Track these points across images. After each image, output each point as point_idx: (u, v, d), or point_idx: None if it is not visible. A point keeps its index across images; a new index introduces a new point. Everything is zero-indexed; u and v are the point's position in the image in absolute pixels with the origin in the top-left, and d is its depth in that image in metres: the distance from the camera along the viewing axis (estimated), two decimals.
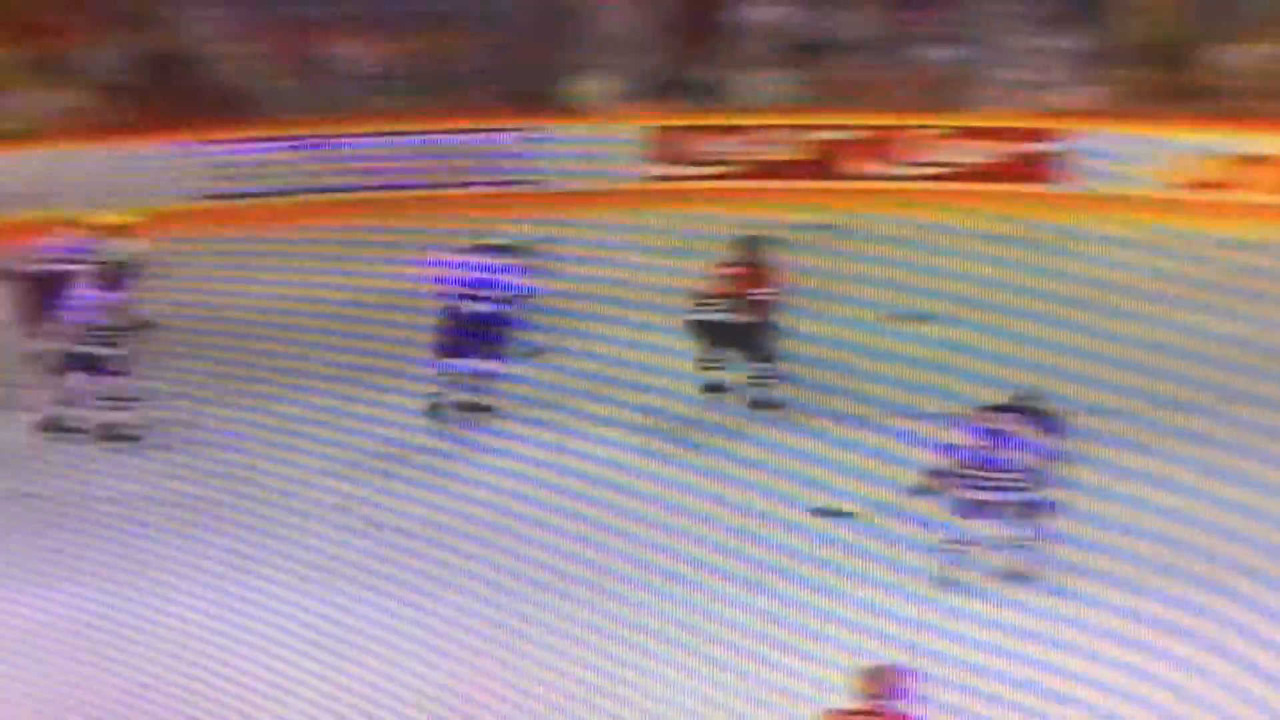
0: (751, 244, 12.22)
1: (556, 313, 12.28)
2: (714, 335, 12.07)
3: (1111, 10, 18.56)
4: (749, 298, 11.97)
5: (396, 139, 18.33)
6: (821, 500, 10.26)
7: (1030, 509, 9.48)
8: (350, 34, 19.23)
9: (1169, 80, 17.95)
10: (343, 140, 18.36)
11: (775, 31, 19.47)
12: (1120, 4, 18.53)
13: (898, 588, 9.25)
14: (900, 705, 6.90)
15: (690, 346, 12.11)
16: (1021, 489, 9.47)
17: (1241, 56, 17.73)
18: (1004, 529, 9.50)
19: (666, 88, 19.28)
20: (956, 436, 9.65)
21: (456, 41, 19.14)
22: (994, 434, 9.52)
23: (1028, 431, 9.52)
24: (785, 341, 12.04)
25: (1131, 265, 14.69)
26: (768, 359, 12.03)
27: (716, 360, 12.14)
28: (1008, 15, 18.94)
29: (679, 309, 12.18)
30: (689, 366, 12.13)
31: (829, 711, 6.96)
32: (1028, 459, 9.49)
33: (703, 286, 12.11)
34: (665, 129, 18.59)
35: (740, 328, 11.99)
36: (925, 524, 9.58)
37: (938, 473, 9.58)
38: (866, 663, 7.00)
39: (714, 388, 12.20)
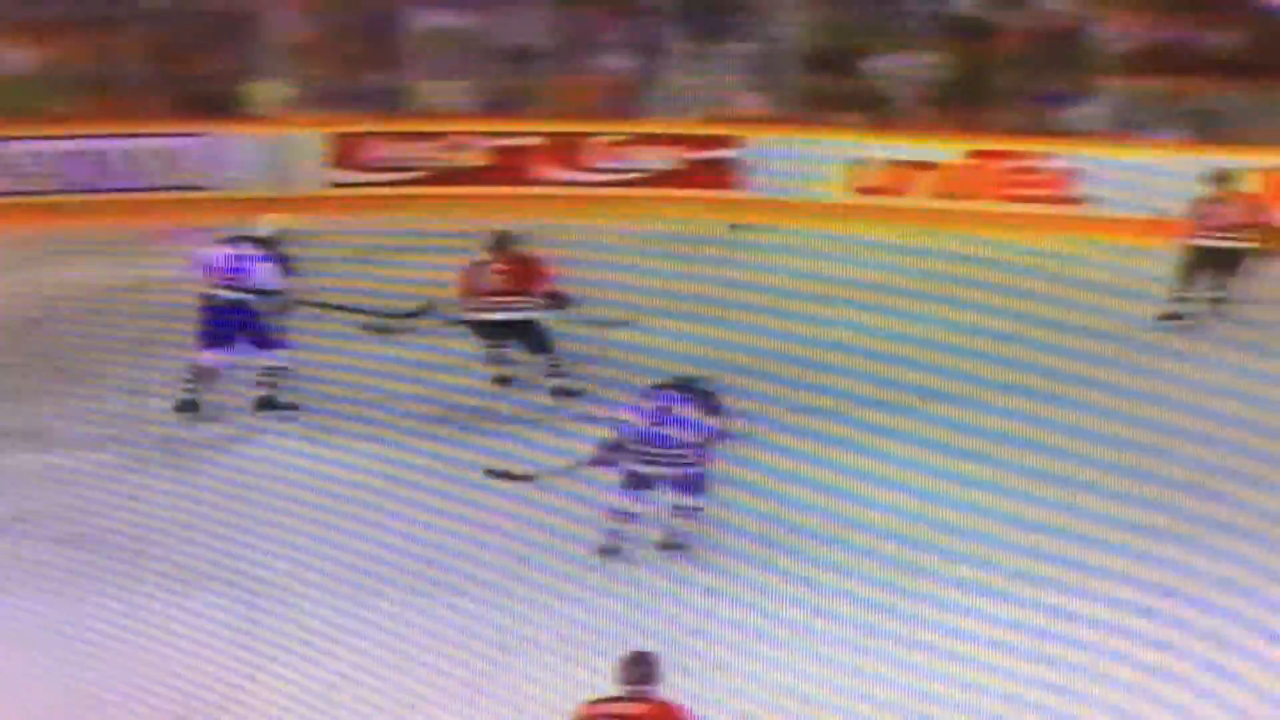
0: (506, 241, 12.49)
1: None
2: (496, 332, 12.35)
3: (774, 19, 19.10)
4: (523, 293, 12.27)
5: (65, 143, 17.85)
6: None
7: (693, 484, 9.95)
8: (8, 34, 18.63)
9: (834, 87, 18.62)
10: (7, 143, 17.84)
11: (453, 38, 19.53)
12: (782, 14, 19.09)
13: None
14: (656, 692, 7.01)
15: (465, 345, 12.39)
16: (686, 464, 9.92)
17: (900, 65, 18.47)
18: (668, 501, 9.98)
19: (344, 94, 19.19)
20: (626, 414, 10.08)
21: (124, 44, 18.67)
22: (661, 412, 9.97)
23: (692, 411, 9.97)
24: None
25: (802, 270, 15.17)
26: (550, 350, 12.39)
27: (501, 355, 12.43)
28: (677, 24, 19.39)
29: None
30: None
31: (587, 701, 7.06)
32: (693, 436, 9.93)
33: (475, 285, 12.34)
34: (346, 135, 18.46)
35: (520, 324, 12.30)
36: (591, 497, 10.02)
37: (609, 447, 10.01)
38: (623, 650, 7.15)
39: (502, 380, 12.48)
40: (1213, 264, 13.41)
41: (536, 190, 18.08)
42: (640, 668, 7.07)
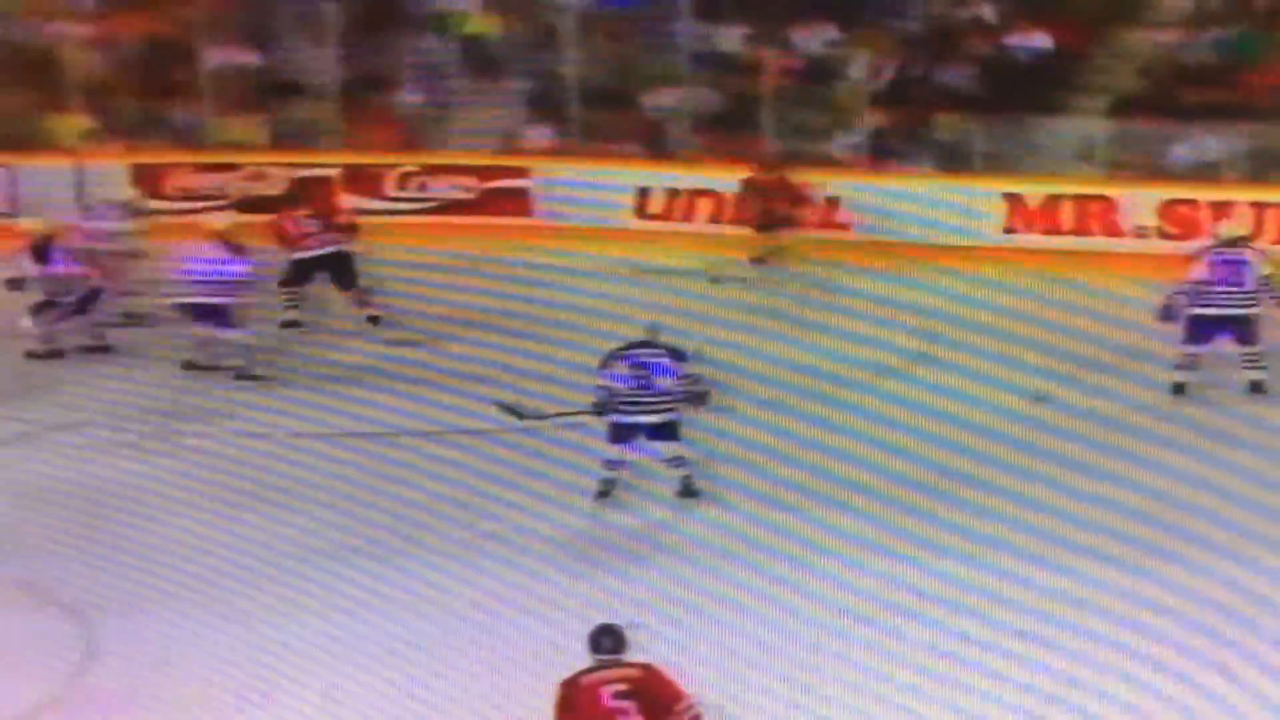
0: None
1: None
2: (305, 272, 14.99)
3: (554, 56, 20.13)
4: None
5: None
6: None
7: (672, 429, 11.13)
8: None
9: (613, 120, 19.76)
10: None
11: (244, 75, 20.37)
12: (562, 50, 20.11)
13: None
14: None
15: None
16: (665, 410, 11.07)
17: (675, 99, 19.62)
18: (664, 448, 11.17)
19: (141, 127, 19.86)
20: (615, 369, 11.11)
21: None
22: (645, 365, 11.09)
23: (666, 362, 11.11)
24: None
25: (591, 291, 16.11)
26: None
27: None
28: (460, 61, 20.37)
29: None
30: None
31: (574, 674, 7.23)
32: (670, 384, 11.07)
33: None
34: (145, 166, 19.07)
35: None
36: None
37: (601, 403, 11.10)
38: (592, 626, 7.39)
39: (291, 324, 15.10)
40: None
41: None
42: (612, 638, 7.31)
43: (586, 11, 20.15)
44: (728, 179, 18.24)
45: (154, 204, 18.03)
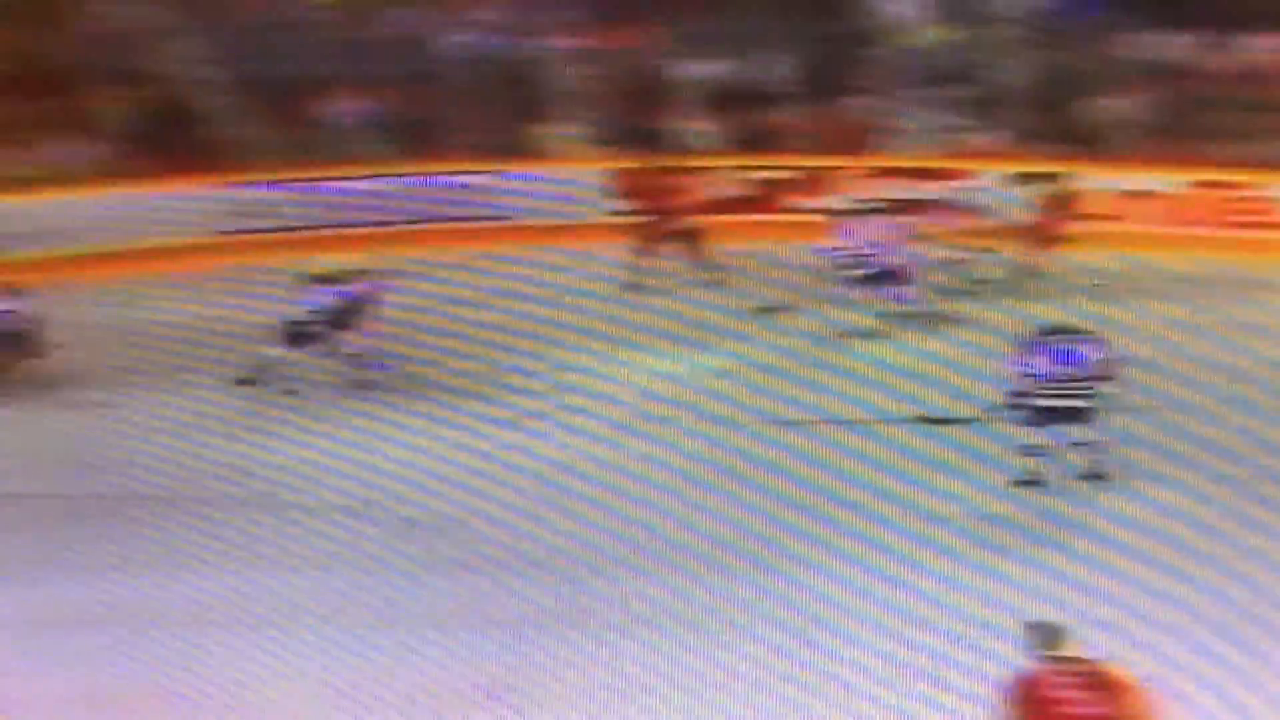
0: None
1: None
2: None
3: (996, 66, 20.93)
4: None
5: (383, 181, 20.35)
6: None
7: (1089, 415, 11.60)
8: (335, 90, 21.19)
9: (1052, 125, 20.26)
10: (328, 183, 20.42)
11: (710, 84, 21.71)
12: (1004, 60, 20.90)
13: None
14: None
15: None
16: (1084, 396, 11.59)
17: (1119, 104, 20.09)
18: (1080, 433, 11.62)
19: (620, 135, 21.43)
20: (1034, 359, 11.71)
21: (434, 94, 21.11)
22: (1065, 354, 11.68)
23: (1085, 347, 11.70)
24: None
25: None
26: None
27: None
28: (907, 70, 21.35)
29: None
30: None
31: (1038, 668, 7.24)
32: (1089, 371, 11.63)
33: None
34: (622, 171, 20.36)
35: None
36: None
37: (1016, 393, 11.70)
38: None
39: None
40: None
41: (787, 219, 20.09)
42: (1050, 633, 7.34)
43: (1032, 21, 20.82)
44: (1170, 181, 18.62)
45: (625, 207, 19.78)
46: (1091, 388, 11.63)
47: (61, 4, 20.57)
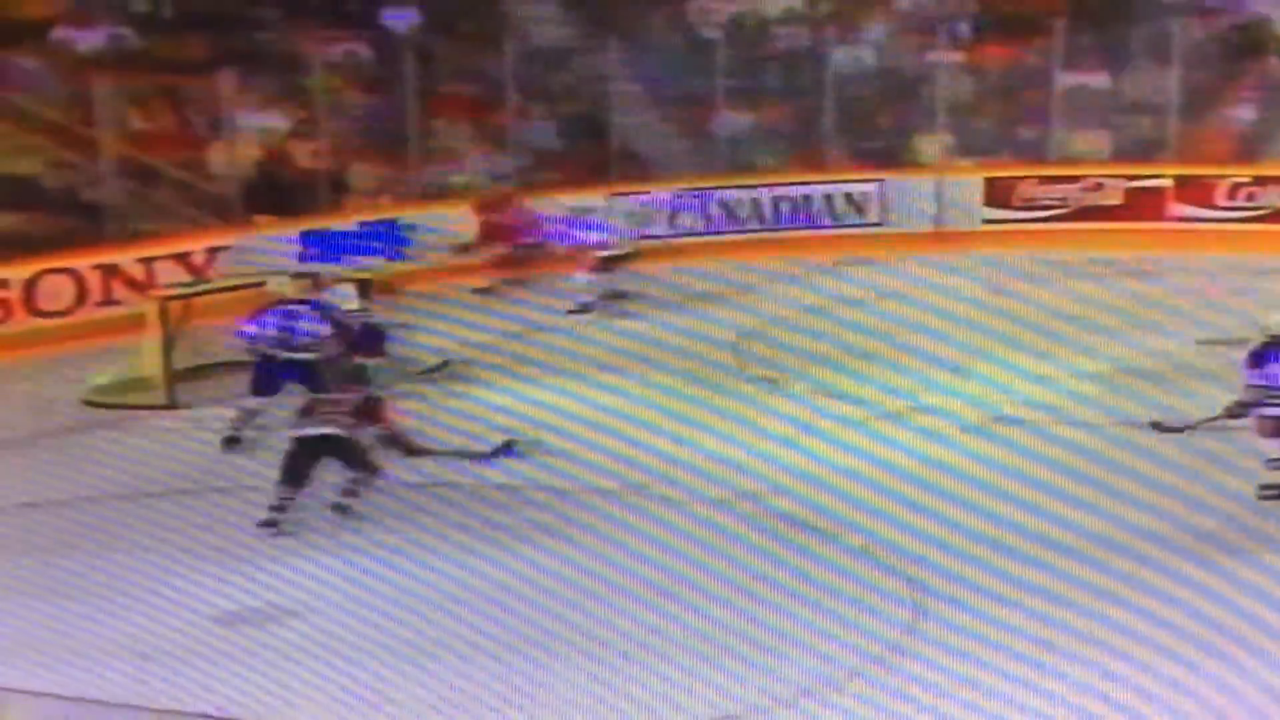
0: None
1: None
2: None
3: None
4: None
5: (768, 190, 21.47)
6: None
7: None
8: (729, 104, 22.22)
9: None
10: (721, 191, 21.52)
11: (1094, 94, 22.19)
12: None
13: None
14: None
15: None
16: None
17: None
18: None
19: (994, 144, 22.16)
20: (1269, 366, 11.44)
21: (817, 107, 22.06)
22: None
23: None
24: None
25: None
26: None
27: None
28: None
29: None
30: None
31: None
32: None
33: None
34: (998, 179, 21.42)
35: None
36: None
37: (1241, 402, 11.63)
38: None
39: None
40: None
41: (1166, 226, 20.65)
42: None
43: None
44: None
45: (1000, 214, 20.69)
46: None
47: (498, 26, 21.89)
